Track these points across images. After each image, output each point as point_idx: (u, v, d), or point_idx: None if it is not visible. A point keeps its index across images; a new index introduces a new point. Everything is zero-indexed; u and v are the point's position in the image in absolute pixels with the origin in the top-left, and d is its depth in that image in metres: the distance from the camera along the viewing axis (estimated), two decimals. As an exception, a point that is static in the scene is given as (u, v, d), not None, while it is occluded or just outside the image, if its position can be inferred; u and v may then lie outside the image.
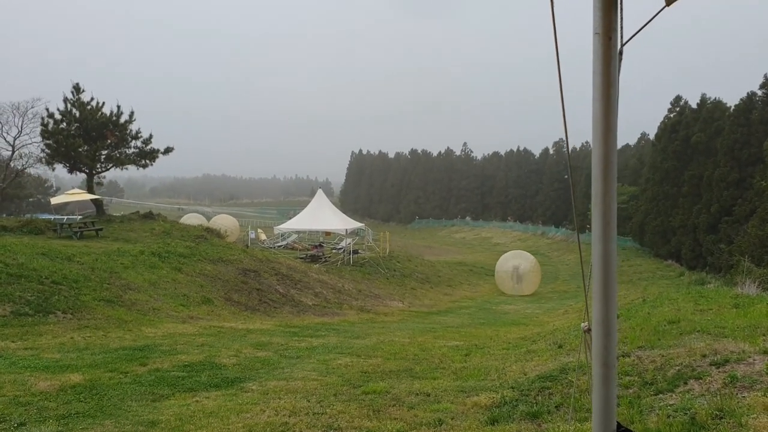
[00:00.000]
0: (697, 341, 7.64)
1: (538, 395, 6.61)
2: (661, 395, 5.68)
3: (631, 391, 6.03)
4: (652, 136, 52.12)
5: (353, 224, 38.80)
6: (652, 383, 6.07)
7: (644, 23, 1.76)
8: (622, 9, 1.72)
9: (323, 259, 33.11)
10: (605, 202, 1.72)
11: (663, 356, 7.07)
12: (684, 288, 19.90)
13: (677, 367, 6.45)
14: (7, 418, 6.13)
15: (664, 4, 1.74)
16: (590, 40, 1.75)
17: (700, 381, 5.85)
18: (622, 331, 9.63)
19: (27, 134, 37.65)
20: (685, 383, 5.87)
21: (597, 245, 1.77)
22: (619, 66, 1.76)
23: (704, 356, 6.67)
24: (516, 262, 35.04)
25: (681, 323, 9.39)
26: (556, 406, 6.05)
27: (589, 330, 2.02)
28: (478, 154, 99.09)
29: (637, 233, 48.68)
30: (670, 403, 5.42)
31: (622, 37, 1.75)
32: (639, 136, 62.67)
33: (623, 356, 7.57)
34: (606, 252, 1.75)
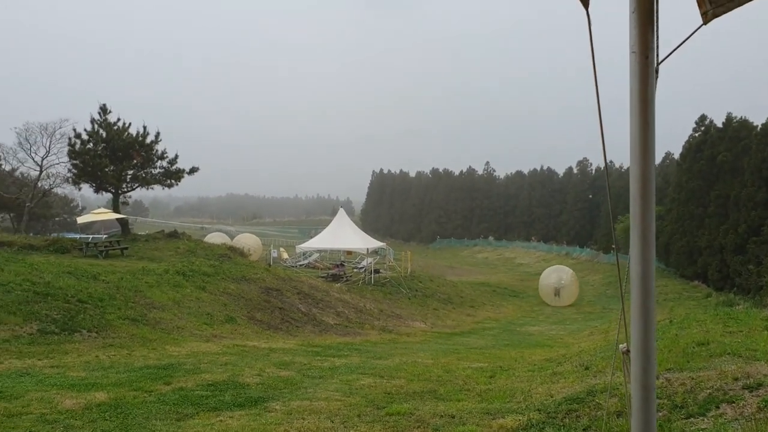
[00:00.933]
0: (728, 364, 7.48)
1: (565, 418, 6.51)
2: (692, 419, 5.56)
3: (661, 414, 5.90)
4: (676, 156, 51.60)
5: (374, 243, 38.78)
6: (683, 407, 5.94)
7: (681, 42, 1.75)
8: (658, 27, 1.72)
9: (345, 279, 33.09)
10: (644, 223, 1.70)
11: (693, 379, 6.92)
12: (712, 309, 19.52)
13: (708, 391, 6.31)
14: (34, 436, 6.18)
15: (700, 22, 1.73)
16: (617, 57, 1.74)
17: (733, 405, 5.72)
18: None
19: (54, 154, 38.51)
20: (717, 407, 5.74)
21: (636, 266, 1.75)
22: (656, 84, 1.75)
23: (736, 379, 6.53)
24: (556, 276, 38.31)
25: (710, 345, 9.21)
26: (584, 429, 5.94)
27: (627, 351, 1.98)
28: (501, 173, 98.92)
29: (663, 254, 48.04)
30: (702, 427, 5.30)
31: (657, 55, 1.74)
32: (663, 155, 62.10)
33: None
34: (645, 272, 1.73)
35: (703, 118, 45.33)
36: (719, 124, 43.11)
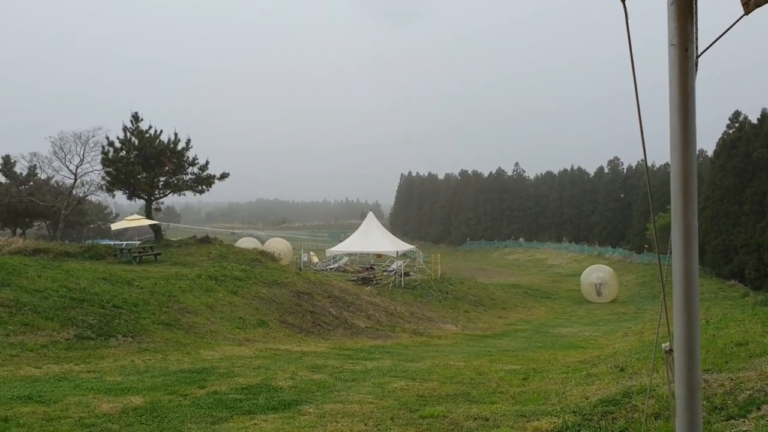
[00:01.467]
0: (769, 364, 7.32)
1: (601, 420, 6.41)
2: (732, 421, 5.44)
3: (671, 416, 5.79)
4: (709, 153, 50.67)
5: (404, 246, 38.78)
6: (722, 408, 5.82)
7: (721, 33, 1.71)
8: (697, 19, 1.68)
9: (375, 282, 33.11)
10: (686, 218, 1.66)
11: (732, 380, 6.78)
12: (750, 309, 19.14)
13: (749, 392, 6.17)
14: (73, 439, 6.28)
15: (741, 12, 1.69)
16: (650, 50, 1.70)
17: (775, 406, 5.58)
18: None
19: (88, 162, 39.28)
20: (759, 408, 5.61)
21: (678, 262, 1.71)
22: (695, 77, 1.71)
23: (778, 380, 6.38)
24: (596, 275, 40.02)
25: (749, 345, 9.03)
26: (620, 431, 5.85)
27: (670, 351, 1.94)
28: (531, 173, 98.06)
29: (698, 253, 47.14)
30: (743, 429, 5.18)
31: (697, 47, 1.70)
32: (696, 153, 61.28)
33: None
34: (688, 269, 1.69)
35: (737, 114, 44.46)
36: (754, 120, 42.25)
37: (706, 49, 1.73)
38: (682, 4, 1.64)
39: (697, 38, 1.70)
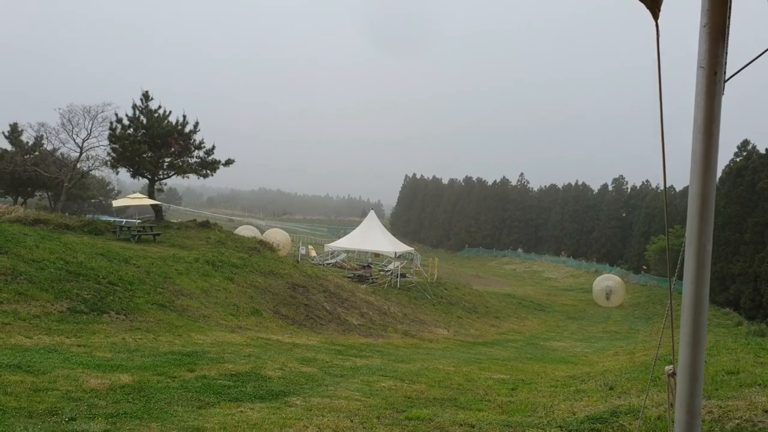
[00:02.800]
0: (759, 395, 7.30)
1: (587, 437, 6.41)
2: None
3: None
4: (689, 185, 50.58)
5: (402, 248, 38.74)
6: (710, 435, 5.81)
7: (751, 59, 1.70)
8: (727, 43, 1.67)
9: (371, 280, 33.10)
10: (700, 243, 1.65)
11: (721, 408, 6.77)
12: (742, 338, 19.11)
13: (737, 421, 6.17)
14: (59, 412, 6.28)
15: (773, 40, 1.67)
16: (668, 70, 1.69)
17: (762, 437, 5.57)
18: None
19: (95, 137, 39.15)
20: (746, 438, 5.60)
21: (689, 287, 1.70)
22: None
23: (766, 411, 6.37)
24: (606, 283, 46.27)
25: (740, 375, 9.01)
26: (606, 450, 5.85)
27: (673, 374, 1.93)
28: (535, 185, 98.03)
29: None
30: (730, 458, 5.17)
31: (725, 72, 1.69)
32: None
33: (678, 404, 7.28)
34: (698, 294, 1.68)
35: (745, 143, 44.46)
36: (762, 150, 42.23)
37: (735, 73, 1.71)
38: (714, 27, 1.63)
39: (725, 62, 1.69)
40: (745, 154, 43.78)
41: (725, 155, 45.65)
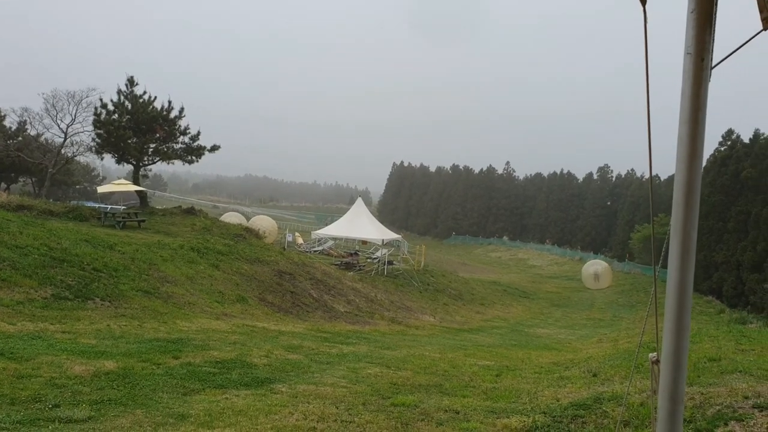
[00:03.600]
0: (739, 382, 7.40)
1: (571, 423, 6.46)
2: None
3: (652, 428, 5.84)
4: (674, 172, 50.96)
5: (390, 235, 38.74)
6: (691, 421, 5.87)
7: (738, 46, 1.70)
8: (714, 29, 1.66)
9: (358, 268, 33.10)
10: (685, 230, 1.65)
11: (702, 394, 6.85)
12: (724, 326, 19.35)
13: (717, 407, 6.24)
14: (43, 399, 6.24)
15: (760, 27, 1.67)
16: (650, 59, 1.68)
17: (742, 423, 5.64)
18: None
19: (80, 123, 38.80)
20: (726, 424, 5.67)
21: (673, 274, 1.70)
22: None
23: (746, 398, 6.45)
24: (594, 267, 49.51)
25: (722, 362, 9.12)
26: (589, 436, 5.90)
27: (657, 361, 1.93)
28: (521, 173, 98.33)
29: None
30: (710, 444, 5.24)
31: (712, 58, 1.68)
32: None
33: (661, 391, 7.35)
34: (683, 282, 1.68)
35: (730, 132, 44.76)
36: (746, 140, 42.55)
37: (722, 60, 1.71)
38: (702, 13, 1.62)
39: (712, 49, 1.68)
40: (729, 143, 44.09)
41: (710, 145, 45.94)
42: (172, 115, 32.65)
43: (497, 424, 6.60)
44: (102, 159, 36.86)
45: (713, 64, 1.69)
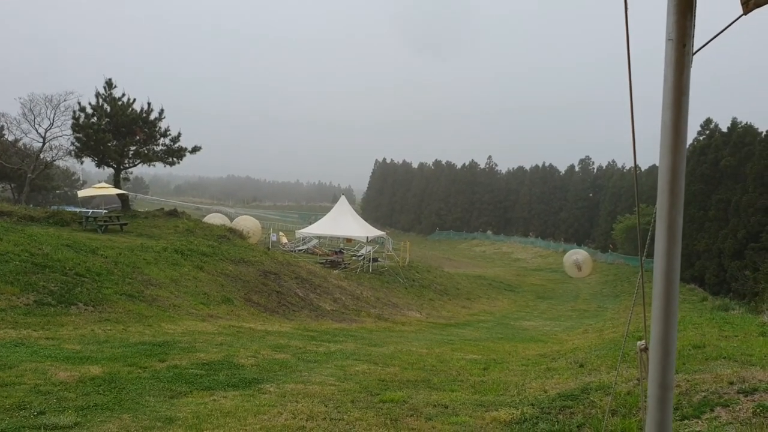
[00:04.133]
0: (724, 368, 7.49)
1: (559, 414, 6.50)
2: (686, 421, 5.55)
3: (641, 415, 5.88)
4: (658, 160, 51.48)
5: (374, 232, 38.75)
6: (677, 408, 5.93)
7: (719, 31, 1.70)
8: (694, 15, 1.66)
9: (343, 266, 33.07)
10: (671, 216, 1.65)
11: (688, 381, 6.92)
12: (707, 313, 19.56)
13: (703, 393, 6.30)
14: (28, 406, 6.16)
15: (740, 12, 1.67)
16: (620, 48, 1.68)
17: (728, 408, 5.70)
18: (645, 354, 9.44)
19: (58, 127, 38.35)
20: (712, 410, 5.73)
21: (660, 260, 1.70)
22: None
23: (731, 383, 6.52)
24: (575, 257, 50.81)
25: (706, 348, 9.22)
26: (578, 426, 5.93)
27: (645, 349, 1.94)
28: (503, 167, 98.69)
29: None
30: (697, 429, 5.29)
31: (692, 44, 1.68)
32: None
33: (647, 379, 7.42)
34: (669, 268, 1.68)
35: (708, 121, 45.24)
36: (724, 129, 43.02)
37: (704, 45, 1.71)
38: (682, -1, 1.62)
39: (693, 35, 1.68)
40: (708, 132, 44.57)
41: (689, 134, 46.33)
42: (152, 116, 32.32)
43: (486, 417, 6.63)
44: (82, 163, 36.41)
45: (695, 50, 1.69)
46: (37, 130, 38.84)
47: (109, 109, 31.25)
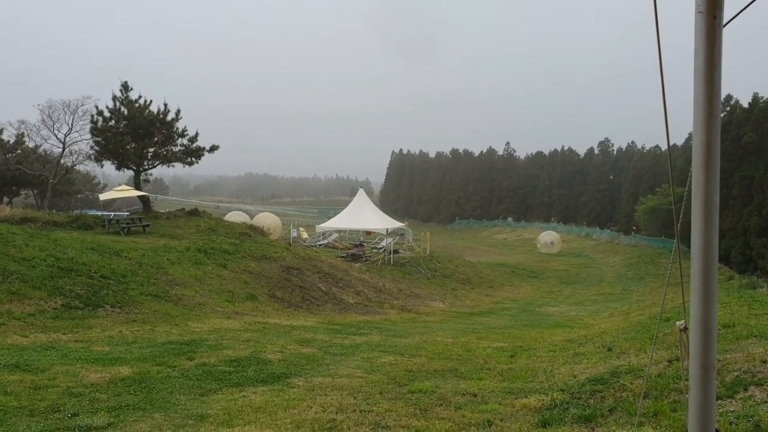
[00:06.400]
0: (755, 346, 7.38)
1: (589, 399, 6.45)
2: (720, 401, 5.47)
3: (683, 395, 5.82)
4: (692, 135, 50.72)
5: (394, 224, 38.73)
6: (711, 389, 5.85)
7: (750, 1, 1.65)
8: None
9: (364, 258, 33.12)
10: (707, 192, 1.61)
11: (720, 361, 6.83)
12: (735, 292, 19.31)
13: (736, 373, 6.22)
14: (61, 408, 6.25)
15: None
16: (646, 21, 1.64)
17: (762, 387, 5.62)
18: (674, 334, 9.35)
19: (77, 131, 38.62)
20: (746, 389, 5.65)
21: (697, 237, 1.66)
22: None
23: (764, 362, 6.43)
24: (549, 237, 58.71)
25: (736, 328, 9.10)
26: (609, 410, 5.88)
27: (685, 329, 1.90)
28: (521, 153, 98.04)
29: (685, 235, 47.40)
30: (731, 409, 5.21)
31: (723, 16, 1.64)
32: (687, 136, 61.03)
33: (677, 360, 7.35)
34: (707, 245, 1.65)
35: (728, 97, 44.49)
36: (745, 104, 42.31)
37: (735, 16, 1.67)
38: (711, -31, 1.58)
39: (723, 6, 1.64)
40: (728, 109, 43.85)
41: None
42: (169, 117, 32.53)
43: (516, 404, 6.60)
44: (102, 166, 36.78)
45: (725, 22, 1.65)
46: (56, 136, 39.20)
47: (126, 112, 31.52)
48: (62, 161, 40.91)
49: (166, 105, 32.49)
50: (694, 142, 1.68)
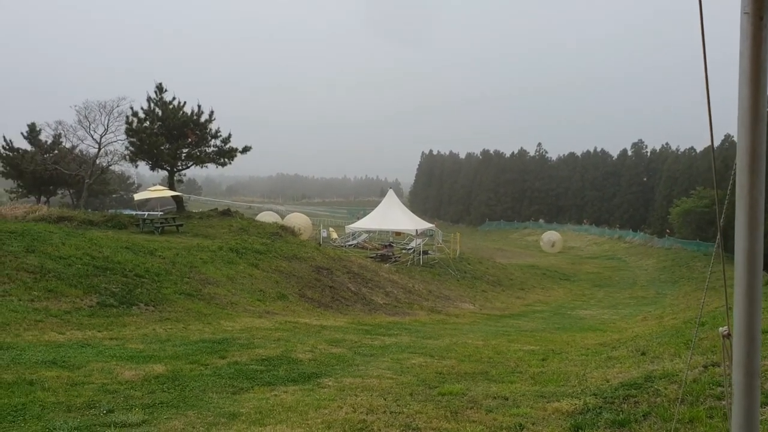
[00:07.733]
0: (797, 353, 7.21)
1: (623, 403, 6.36)
2: (763, 408, 5.36)
3: (726, 402, 5.71)
4: (736, 137, 49.67)
5: (423, 225, 38.68)
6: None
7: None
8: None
9: (393, 259, 33.13)
10: (752, 196, 1.58)
11: (763, 366, 6.68)
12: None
13: (776, 380, 6.08)
14: (97, 405, 6.36)
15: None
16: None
17: (807, 395, 5.49)
18: (710, 339, 9.19)
19: (112, 132, 39.25)
20: (787, 397, 5.52)
21: (741, 242, 1.64)
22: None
23: (808, 369, 6.28)
24: (551, 237, 62.61)
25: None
26: (643, 415, 5.80)
27: (728, 335, 1.87)
28: (553, 154, 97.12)
29: (721, 238, 46.52)
30: (772, 417, 5.10)
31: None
32: (723, 137, 59.87)
33: (713, 365, 7.22)
34: (752, 249, 1.61)
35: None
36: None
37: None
38: (758, -31, 1.55)
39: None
40: None
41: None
42: (203, 119, 32.96)
43: (548, 408, 6.54)
44: (137, 166, 37.44)
45: (771, 23, 1.62)
46: (92, 136, 39.89)
47: (160, 113, 32.01)
48: (98, 161, 41.65)
49: (200, 106, 32.95)
50: (738, 146, 1.65)
